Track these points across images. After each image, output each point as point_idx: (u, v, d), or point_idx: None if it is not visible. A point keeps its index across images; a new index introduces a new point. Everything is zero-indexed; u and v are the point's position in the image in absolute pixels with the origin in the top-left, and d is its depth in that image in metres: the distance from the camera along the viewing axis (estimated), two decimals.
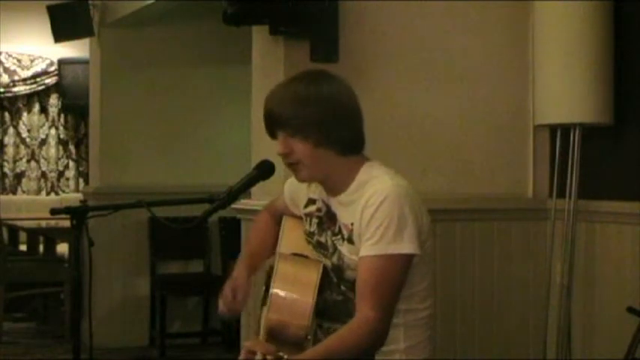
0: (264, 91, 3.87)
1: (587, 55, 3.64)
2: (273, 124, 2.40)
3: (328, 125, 2.35)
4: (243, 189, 2.50)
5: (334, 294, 2.45)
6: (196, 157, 6.54)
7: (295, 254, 2.53)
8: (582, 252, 3.86)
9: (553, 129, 3.99)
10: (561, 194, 3.87)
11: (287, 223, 2.65)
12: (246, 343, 2.18)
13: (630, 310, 3.22)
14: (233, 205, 2.59)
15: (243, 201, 3.71)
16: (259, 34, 3.87)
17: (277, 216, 2.72)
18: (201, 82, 6.56)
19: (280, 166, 2.56)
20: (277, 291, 2.39)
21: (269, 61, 3.85)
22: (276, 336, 2.34)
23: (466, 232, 3.94)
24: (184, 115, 6.54)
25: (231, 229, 6.06)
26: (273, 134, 2.43)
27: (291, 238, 2.60)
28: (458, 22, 3.99)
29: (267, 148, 3.71)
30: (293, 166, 2.42)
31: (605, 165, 3.86)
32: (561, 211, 3.85)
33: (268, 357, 2.05)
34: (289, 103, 2.36)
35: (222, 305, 2.61)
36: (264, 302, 2.49)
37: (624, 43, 3.73)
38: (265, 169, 2.54)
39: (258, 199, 3.72)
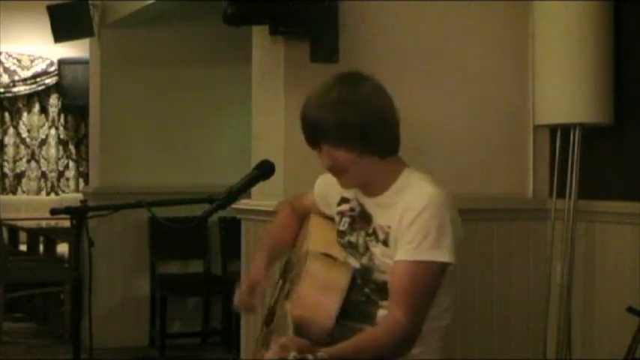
0: (264, 91, 3.92)
1: (587, 55, 3.64)
2: (316, 135, 2.36)
3: (371, 131, 2.33)
4: (243, 189, 2.50)
5: (358, 295, 2.42)
6: (196, 157, 6.54)
7: (324, 254, 2.51)
8: (582, 252, 3.86)
9: (553, 129, 3.99)
10: (561, 194, 3.87)
11: (313, 221, 2.64)
12: (279, 339, 2.15)
13: (630, 310, 3.22)
14: (233, 205, 2.59)
15: (243, 201, 3.71)
16: (259, 34, 3.87)
17: (301, 212, 2.72)
18: (201, 82, 6.56)
19: (280, 167, 2.56)
20: (305, 290, 2.36)
21: (269, 61, 3.85)
22: (297, 332, 2.33)
23: (466, 232, 3.92)
24: (184, 115, 6.55)
25: (231, 229, 6.07)
26: (314, 144, 2.38)
27: (319, 236, 2.57)
28: (458, 22, 3.99)
29: (267, 148, 3.73)
30: (337, 174, 2.40)
31: (605, 165, 3.86)
32: (561, 211, 3.85)
33: (308, 355, 2.01)
34: (330, 111, 2.31)
35: (237, 300, 2.61)
36: (287, 296, 2.48)
37: (624, 43, 3.73)
38: (265, 169, 2.54)
39: (258, 199, 3.72)
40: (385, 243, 2.37)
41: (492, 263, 4.00)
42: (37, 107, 9.32)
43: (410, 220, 2.30)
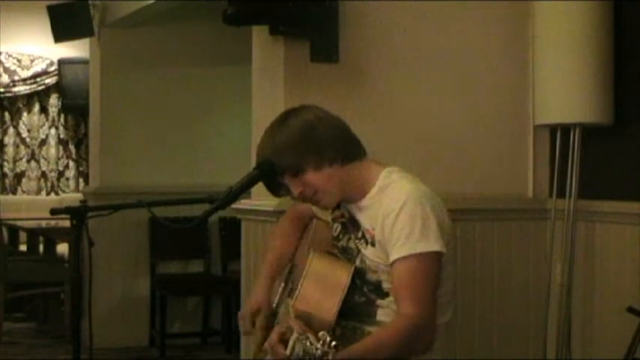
0: (264, 91, 3.91)
1: (587, 55, 3.64)
2: (274, 178, 2.45)
3: (314, 146, 2.40)
4: (243, 189, 2.50)
5: (357, 295, 2.46)
6: (196, 157, 6.54)
7: (327, 252, 2.54)
8: (582, 252, 3.86)
9: (553, 129, 3.99)
10: (561, 194, 3.87)
11: (315, 224, 2.68)
12: (290, 322, 2.17)
13: (630, 310, 3.22)
14: (233, 205, 2.59)
15: (243, 201, 3.71)
16: (259, 34, 3.87)
17: (302, 220, 2.74)
18: (201, 82, 6.56)
19: None
20: (307, 286, 2.40)
21: (269, 61, 3.85)
22: None
23: (466, 232, 3.94)
24: (184, 115, 6.54)
25: (231, 229, 6.07)
26: (277, 189, 2.48)
27: (322, 237, 2.62)
28: (458, 22, 3.99)
29: None
30: (314, 199, 2.46)
31: (605, 165, 3.86)
32: (561, 211, 3.85)
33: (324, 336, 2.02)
34: (274, 153, 2.42)
35: (242, 326, 2.63)
36: (290, 294, 2.51)
37: (624, 43, 3.73)
38: (265, 169, 2.54)
39: (258, 199, 3.72)
40: (372, 244, 2.42)
41: (492, 263, 4.00)
42: (37, 107, 9.31)
43: (392, 221, 2.34)
